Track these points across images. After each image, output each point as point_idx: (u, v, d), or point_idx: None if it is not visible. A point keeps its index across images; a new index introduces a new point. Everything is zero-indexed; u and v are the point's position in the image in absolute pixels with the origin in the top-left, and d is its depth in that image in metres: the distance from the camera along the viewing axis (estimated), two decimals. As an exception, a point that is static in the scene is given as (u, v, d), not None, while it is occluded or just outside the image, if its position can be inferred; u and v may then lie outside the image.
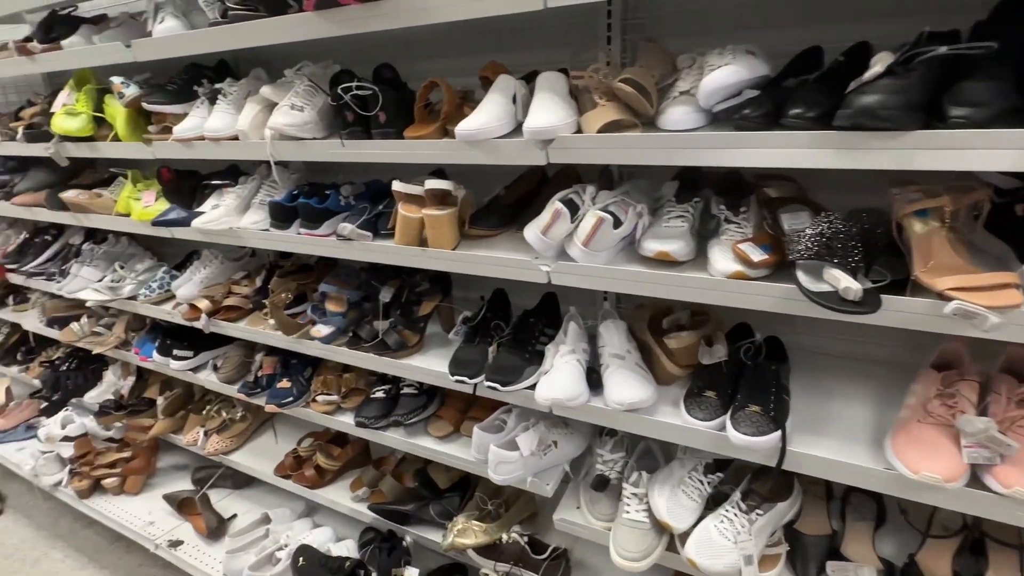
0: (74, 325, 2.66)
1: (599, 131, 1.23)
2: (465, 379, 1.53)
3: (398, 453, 2.13)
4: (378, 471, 2.10)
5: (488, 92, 1.42)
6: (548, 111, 1.29)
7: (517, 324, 1.61)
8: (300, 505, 2.33)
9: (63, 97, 2.20)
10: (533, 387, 1.50)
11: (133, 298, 2.36)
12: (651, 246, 1.27)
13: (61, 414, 2.64)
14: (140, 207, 2.11)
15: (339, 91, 1.52)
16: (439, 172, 1.84)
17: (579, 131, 1.30)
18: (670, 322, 1.53)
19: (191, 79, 2.01)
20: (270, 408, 1.97)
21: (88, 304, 2.36)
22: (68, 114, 2.16)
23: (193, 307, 2.13)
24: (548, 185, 1.68)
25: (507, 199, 1.68)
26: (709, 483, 1.43)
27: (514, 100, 1.40)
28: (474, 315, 1.67)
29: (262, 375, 2.10)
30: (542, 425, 1.59)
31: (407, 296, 1.83)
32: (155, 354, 2.35)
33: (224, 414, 2.43)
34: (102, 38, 2.06)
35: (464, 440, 1.79)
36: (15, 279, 2.86)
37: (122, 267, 2.44)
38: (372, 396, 1.91)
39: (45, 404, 2.86)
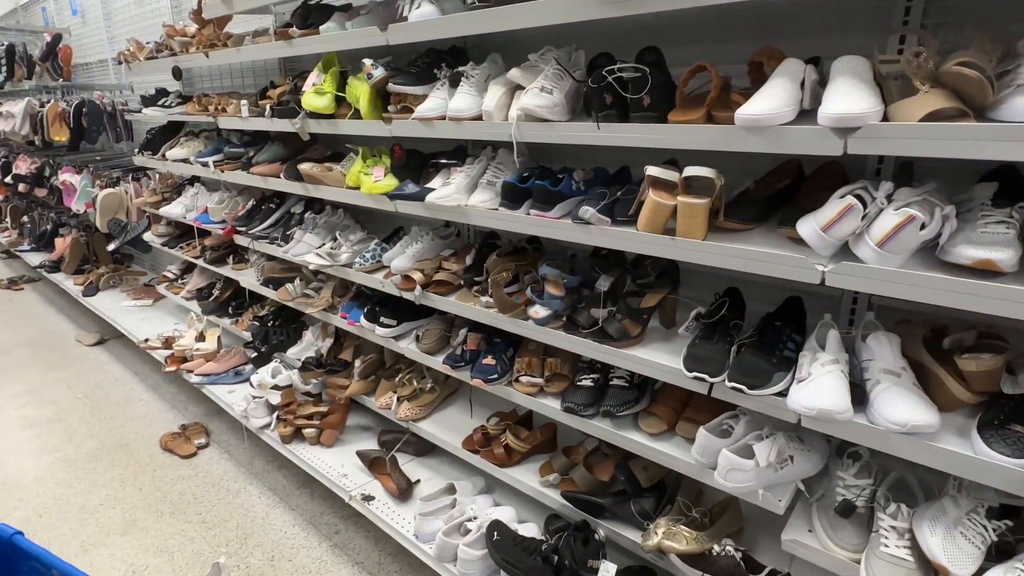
0: (288, 286, 2.94)
1: (921, 120, 1.11)
2: (705, 377, 1.46)
3: (588, 444, 2.10)
4: (568, 459, 2.09)
5: (772, 76, 1.34)
6: (852, 96, 1.19)
7: (762, 326, 1.52)
8: (480, 481, 2.39)
9: (312, 77, 2.42)
10: (781, 394, 1.40)
11: (348, 265, 2.56)
12: (968, 253, 1.13)
13: (271, 364, 2.93)
14: (371, 181, 2.26)
15: (603, 72, 1.51)
16: (671, 162, 1.79)
17: (885, 119, 1.19)
18: (952, 342, 1.36)
19: (431, 63, 2.12)
20: (475, 382, 2.03)
21: (310, 267, 2.59)
22: (317, 93, 2.38)
23: (407, 278, 2.25)
24: (807, 181, 1.56)
25: (758, 193, 1.59)
26: (995, 530, 1.24)
27: (802, 86, 1.31)
28: (710, 311, 1.59)
29: (466, 350, 2.17)
30: (781, 436, 1.48)
31: (628, 286, 1.79)
32: (362, 319, 2.52)
33: (415, 383, 2.55)
34: (354, 24, 2.23)
35: (677, 440, 1.72)
36: (240, 240, 3.22)
37: (339, 237, 2.65)
38: (578, 383, 1.90)
39: (255, 354, 3.20)
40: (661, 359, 1.63)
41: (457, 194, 1.98)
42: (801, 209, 1.44)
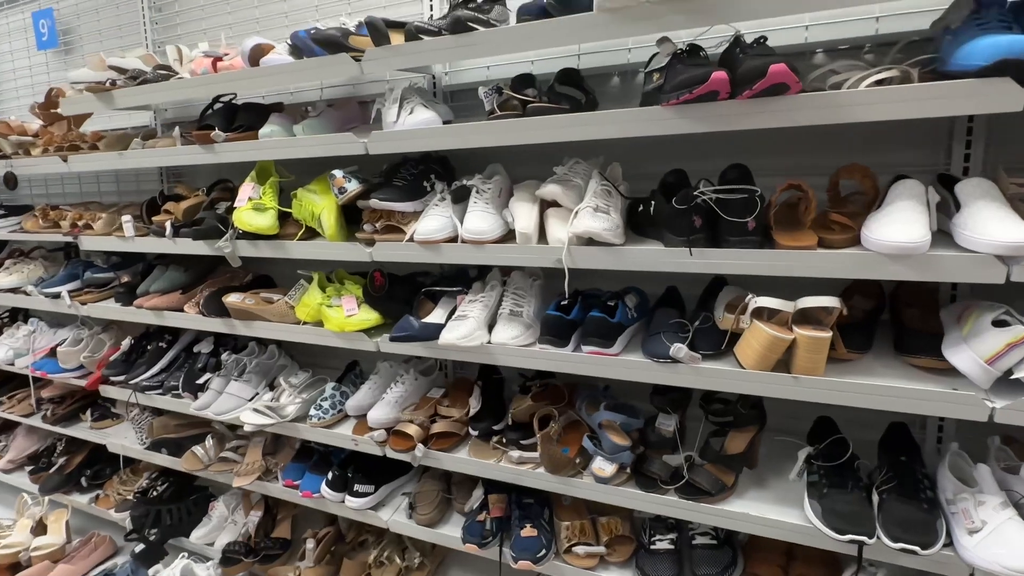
0: (196, 450, 2.24)
1: (1097, 247, 1.05)
2: (863, 539, 1.24)
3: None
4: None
5: (892, 197, 1.24)
6: (1012, 223, 1.11)
7: (894, 465, 1.35)
8: None
9: (247, 191, 1.93)
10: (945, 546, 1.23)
11: (299, 419, 2.00)
12: None
13: (179, 563, 2.15)
14: (341, 316, 1.80)
15: (694, 193, 1.32)
16: (719, 280, 1.63)
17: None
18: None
19: (420, 174, 1.78)
20: (523, 565, 1.60)
21: (246, 428, 1.98)
22: (256, 210, 1.89)
23: (399, 435, 1.79)
24: (894, 301, 1.48)
25: (847, 317, 1.47)
26: None
27: (927, 206, 1.22)
28: (824, 451, 1.40)
29: (491, 518, 1.74)
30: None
31: (704, 426, 1.55)
32: (324, 488, 1.96)
33: (397, 559, 2.01)
34: (305, 128, 1.84)
35: (793, 606, 1.46)
36: (111, 391, 2.44)
37: (280, 382, 2.08)
38: (652, 547, 1.58)
39: (141, 548, 2.36)
40: (777, 514, 1.38)
41: (479, 331, 1.62)
42: (913, 333, 1.34)
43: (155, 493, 2.52)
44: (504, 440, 1.72)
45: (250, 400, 2.08)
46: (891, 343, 1.41)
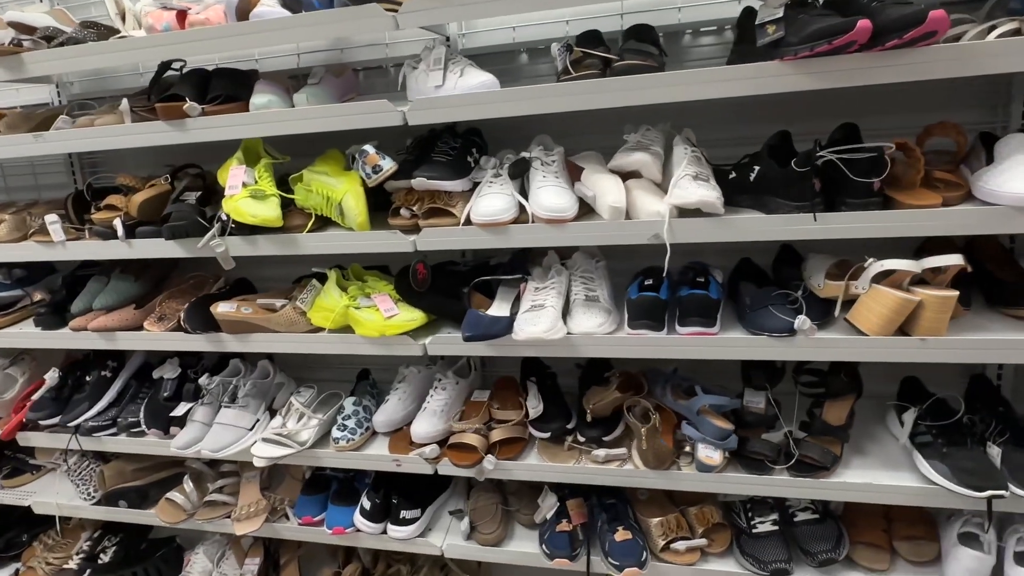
0: (175, 496, 1.84)
1: None
2: (1001, 493, 1.25)
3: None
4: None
5: (1005, 152, 1.25)
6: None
7: (997, 417, 1.38)
8: None
9: (240, 174, 1.57)
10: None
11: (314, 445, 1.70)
12: None
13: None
14: (380, 318, 1.53)
15: (818, 154, 1.24)
16: (788, 249, 1.59)
17: None
18: None
19: (463, 148, 1.55)
20: (631, 574, 1.46)
21: (257, 463, 1.64)
22: (255, 197, 1.55)
23: (460, 448, 1.57)
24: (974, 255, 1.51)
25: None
26: None
27: (1039, 161, 1.24)
28: (929, 410, 1.40)
29: (573, 527, 1.57)
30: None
31: (799, 400, 1.50)
32: (360, 520, 1.68)
33: (446, 588, 1.79)
34: (309, 95, 1.53)
35: (902, 564, 1.46)
36: (39, 439, 1.94)
37: (293, 403, 1.75)
38: (755, 531, 1.51)
39: (103, 625, 1.90)
40: (894, 479, 1.37)
41: (560, 321, 1.44)
42: (1007, 286, 1.38)
43: (105, 557, 2.05)
44: (580, 439, 1.56)
45: (251, 429, 1.73)
46: (980, 297, 1.43)
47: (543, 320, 1.41)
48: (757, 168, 1.35)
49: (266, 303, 1.68)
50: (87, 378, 1.94)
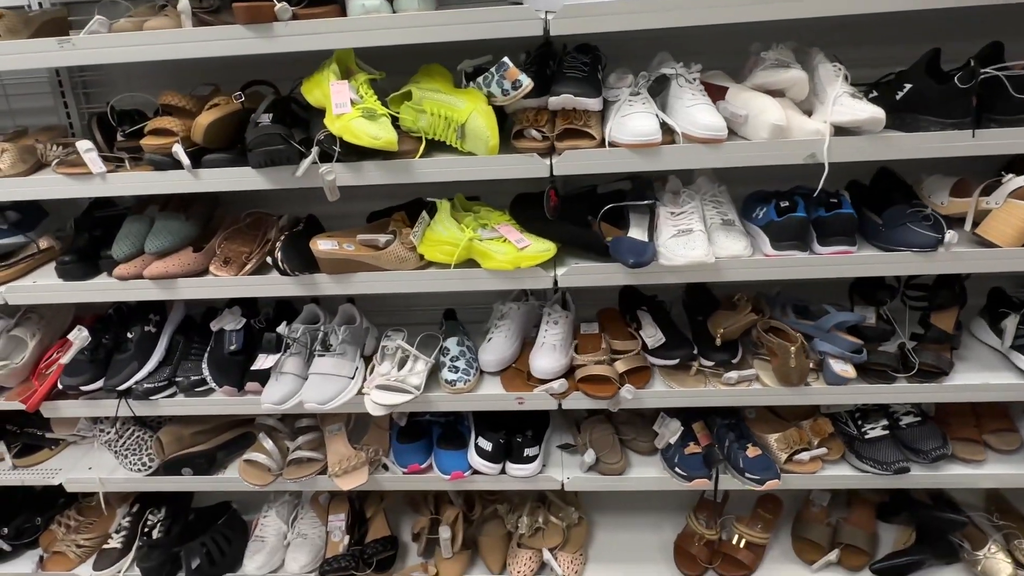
0: (257, 457, 1.67)
1: None
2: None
3: (818, 499, 1.82)
4: (819, 525, 1.77)
5: None
6: None
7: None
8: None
9: (344, 91, 1.37)
10: None
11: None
12: None
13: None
14: (513, 250, 1.43)
15: (983, 71, 1.27)
16: (887, 172, 1.65)
17: None
18: None
19: (594, 64, 1.45)
20: (773, 484, 1.52)
21: (376, 413, 1.51)
22: (367, 117, 1.36)
23: (592, 380, 1.54)
24: None
25: None
26: None
27: None
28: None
29: (710, 447, 1.60)
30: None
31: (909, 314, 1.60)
32: (479, 462, 1.62)
33: (556, 520, 1.79)
34: (420, 1, 1.35)
35: (991, 455, 1.63)
36: (73, 409, 1.68)
37: (387, 348, 1.62)
38: (868, 437, 1.61)
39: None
40: (1003, 379, 1.51)
41: (705, 244, 1.41)
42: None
43: (161, 530, 1.85)
44: (706, 363, 1.58)
45: (352, 378, 1.59)
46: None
47: (698, 244, 1.38)
48: (908, 86, 1.37)
49: (367, 239, 1.51)
50: (128, 335, 1.68)
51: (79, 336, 1.65)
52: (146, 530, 1.87)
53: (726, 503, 1.81)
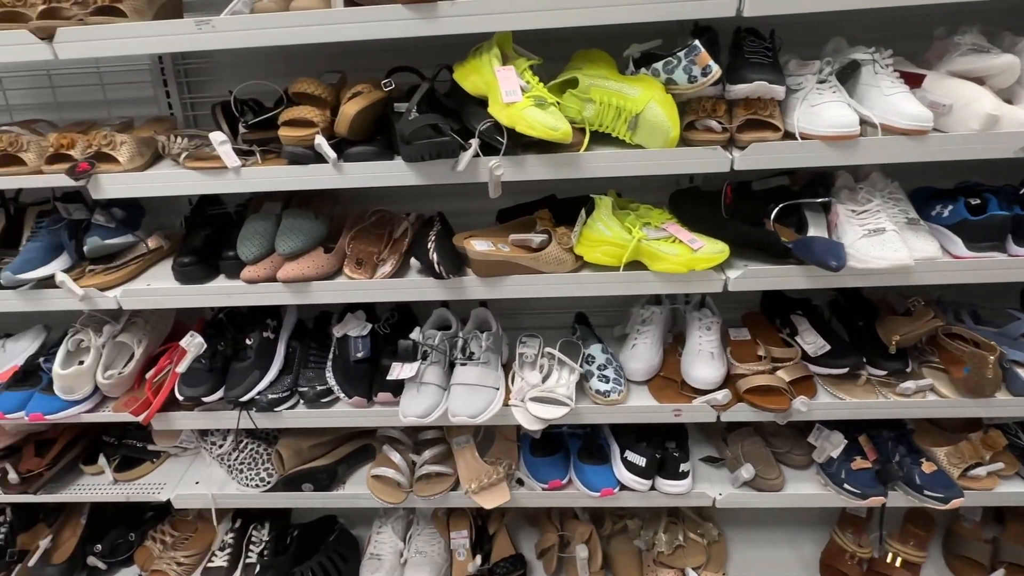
0: (385, 472, 1.56)
1: None
2: None
3: (969, 515, 1.72)
4: (975, 542, 1.67)
5: None
6: None
7: None
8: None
9: (511, 79, 1.25)
10: None
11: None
12: None
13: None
14: (687, 251, 1.32)
15: None
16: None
17: None
18: None
19: (773, 49, 1.33)
20: (957, 503, 1.42)
21: (531, 428, 1.40)
22: (539, 106, 1.24)
23: (759, 391, 1.43)
24: None
25: None
26: None
27: None
28: None
29: (871, 464, 1.50)
30: None
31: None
32: (630, 477, 1.52)
33: (696, 537, 1.68)
34: None
35: None
36: (188, 421, 1.56)
37: (534, 356, 1.50)
38: (1040, 449, 1.51)
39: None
40: None
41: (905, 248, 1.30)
42: None
43: (268, 548, 1.75)
44: (877, 373, 1.47)
45: (498, 388, 1.47)
46: None
47: (897, 246, 1.27)
48: None
49: (520, 239, 1.40)
50: (247, 341, 1.56)
51: (192, 343, 1.54)
52: (251, 547, 1.76)
53: (871, 519, 1.71)
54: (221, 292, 1.46)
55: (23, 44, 1.28)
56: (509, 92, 1.24)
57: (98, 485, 1.71)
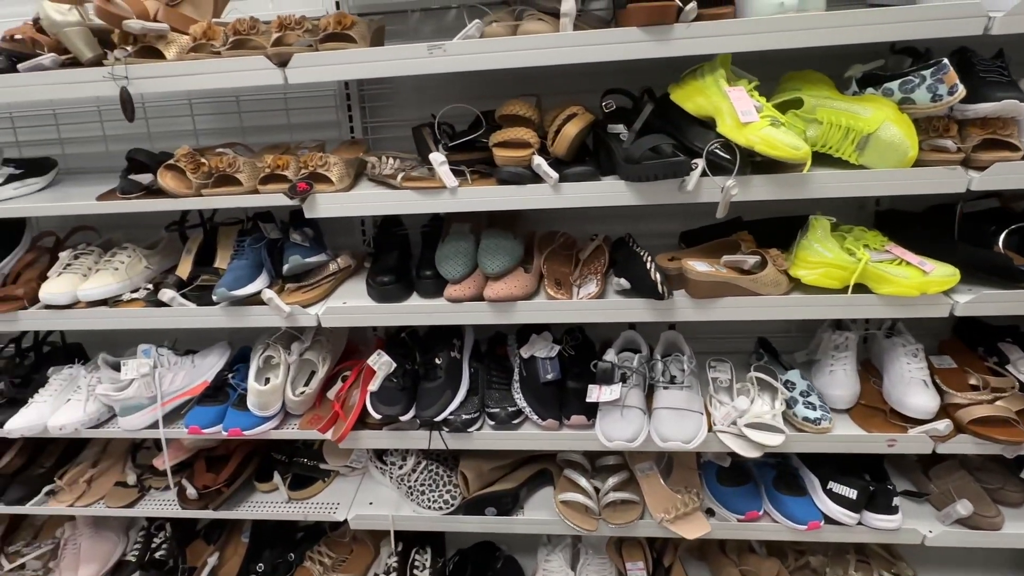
0: (574, 497, 1.52)
1: None
2: None
3: None
4: None
5: None
6: None
7: None
8: None
9: (745, 98, 1.24)
10: None
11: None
12: None
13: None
14: (918, 274, 1.28)
15: None
16: None
17: None
18: None
19: (1001, 66, 1.30)
20: None
21: (749, 455, 1.36)
22: (775, 126, 1.23)
23: (990, 422, 1.35)
24: None
25: None
26: None
27: None
28: None
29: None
30: None
31: None
32: (840, 510, 1.46)
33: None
34: None
35: None
36: (377, 440, 1.56)
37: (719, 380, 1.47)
38: None
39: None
40: None
41: None
42: None
43: (432, 574, 1.71)
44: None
45: (703, 413, 1.44)
46: None
47: None
48: None
49: (734, 260, 1.37)
50: (436, 360, 1.56)
51: (381, 362, 1.54)
52: (415, 571, 1.74)
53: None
54: (422, 311, 1.47)
55: (258, 70, 1.33)
56: (745, 112, 1.23)
57: (273, 503, 1.71)
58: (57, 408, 1.65)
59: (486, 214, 1.59)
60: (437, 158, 1.35)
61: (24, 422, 1.61)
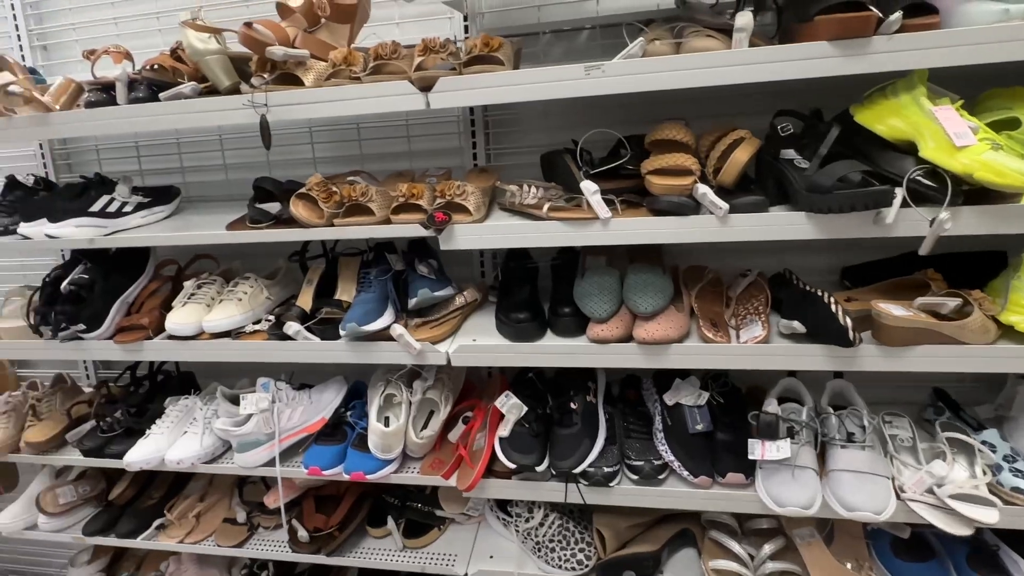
0: (727, 565, 1.35)
1: None
2: None
3: None
4: None
5: None
6: None
7: None
8: None
9: (954, 120, 1.08)
10: None
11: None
12: None
13: None
14: None
15: None
16: None
17: None
18: None
19: None
20: None
21: (963, 533, 1.16)
22: (995, 150, 1.06)
23: None
24: None
25: None
26: None
27: None
28: None
29: None
30: None
31: None
32: None
33: None
34: None
35: None
36: (503, 490, 1.43)
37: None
38: None
39: None
40: None
41: None
42: None
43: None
44: None
45: (890, 478, 1.25)
46: None
47: None
48: None
49: (930, 303, 1.19)
50: (572, 405, 1.44)
51: (508, 404, 1.42)
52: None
53: None
54: (560, 351, 1.34)
55: (400, 95, 1.26)
56: (959, 135, 1.07)
57: (386, 551, 1.61)
58: (174, 441, 1.61)
59: (626, 247, 1.47)
60: (589, 187, 1.24)
61: (143, 455, 1.58)
